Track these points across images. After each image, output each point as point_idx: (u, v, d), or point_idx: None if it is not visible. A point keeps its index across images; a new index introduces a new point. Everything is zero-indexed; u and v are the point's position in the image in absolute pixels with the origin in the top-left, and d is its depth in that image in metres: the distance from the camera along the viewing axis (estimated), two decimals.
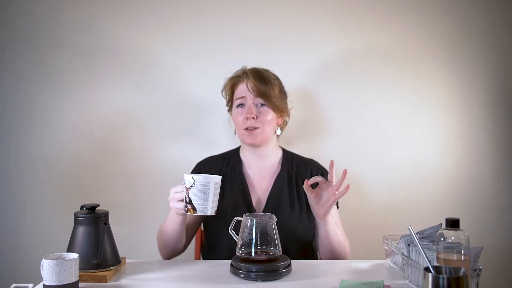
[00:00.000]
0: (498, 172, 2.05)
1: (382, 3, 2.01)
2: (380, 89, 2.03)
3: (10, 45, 1.98)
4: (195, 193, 1.38)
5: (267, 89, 1.64)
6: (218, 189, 1.41)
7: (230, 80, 1.72)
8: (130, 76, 2.00)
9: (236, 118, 1.69)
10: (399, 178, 2.03)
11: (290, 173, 1.71)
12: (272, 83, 1.67)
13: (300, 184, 1.69)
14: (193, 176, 1.39)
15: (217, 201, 1.42)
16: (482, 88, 2.03)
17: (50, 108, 2.00)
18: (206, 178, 1.38)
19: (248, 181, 1.71)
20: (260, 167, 1.73)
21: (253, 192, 1.69)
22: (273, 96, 1.65)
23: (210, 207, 1.39)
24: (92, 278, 1.31)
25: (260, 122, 1.65)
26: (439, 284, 0.96)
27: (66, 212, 1.61)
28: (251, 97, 1.65)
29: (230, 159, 1.76)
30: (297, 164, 1.74)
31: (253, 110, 1.64)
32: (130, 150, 2.02)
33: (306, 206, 1.66)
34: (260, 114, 1.65)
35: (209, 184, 1.38)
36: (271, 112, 1.67)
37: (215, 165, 1.74)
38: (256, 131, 1.65)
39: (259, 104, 1.66)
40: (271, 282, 1.30)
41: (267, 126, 1.67)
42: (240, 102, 1.67)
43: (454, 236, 1.13)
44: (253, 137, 1.65)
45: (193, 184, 1.39)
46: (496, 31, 2.02)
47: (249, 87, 1.65)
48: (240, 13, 2.00)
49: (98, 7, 1.99)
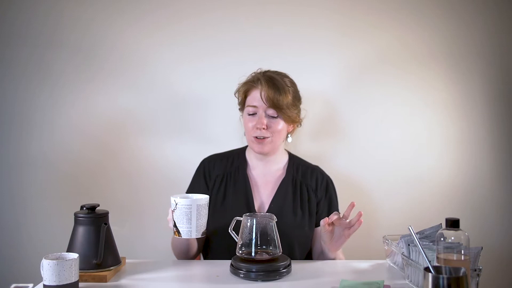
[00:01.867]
0: (498, 172, 2.05)
1: (382, 3, 2.00)
2: (380, 90, 2.02)
3: (10, 45, 1.98)
4: (178, 216, 1.38)
5: (280, 99, 1.59)
6: (203, 210, 1.39)
7: (244, 85, 1.67)
8: (130, 76, 2.00)
9: (246, 124, 1.65)
10: (399, 178, 2.03)
11: (295, 178, 1.70)
12: (286, 92, 1.61)
13: (304, 191, 1.68)
14: (175, 199, 1.38)
15: (204, 222, 1.40)
16: (482, 88, 2.03)
17: (50, 108, 2.00)
18: (187, 201, 1.36)
19: (252, 183, 1.69)
20: (265, 171, 1.71)
21: (256, 195, 1.68)
22: (285, 107, 1.60)
23: (195, 230, 1.38)
24: (92, 278, 1.31)
25: (270, 132, 1.62)
26: (439, 284, 0.96)
27: (66, 212, 1.61)
28: (264, 107, 1.60)
29: (235, 159, 1.74)
30: (303, 170, 1.72)
31: (264, 121, 1.60)
32: (130, 150, 2.02)
33: (309, 213, 1.66)
34: (271, 124, 1.62)
35: (191, 207, 1.36)
36: (282, 122, 1.64)
37: (219, 165, 1.72)
38: (266, 140, 1.62)
39: (271, 115, 1.62)
40: (271, 282, 1.31)
41: (277, 136, 1.64)
42: (252, 111, 1.63)
43: (454, 236, 1.13)
44: (262, 146, 1.63)
45: (176, 207, 1.38)
46: (496, 31, 2.02)
47: (262, 97, 1.59)
48: (240, 13, 2.00)
49: (98, 7, 1.98)
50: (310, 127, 2.02)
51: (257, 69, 1.70)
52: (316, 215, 1.68)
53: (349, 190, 1.92)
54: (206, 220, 1.41)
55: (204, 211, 1.39)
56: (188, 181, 1.74)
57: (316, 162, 1.78)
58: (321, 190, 1.70)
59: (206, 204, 1.40)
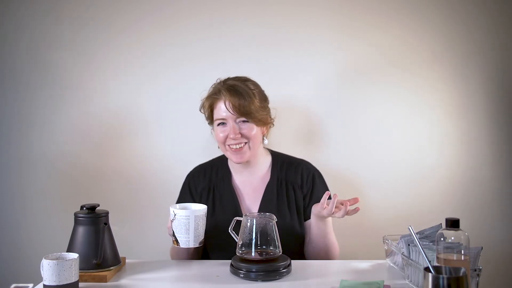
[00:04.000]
0: (498, 172, 2.04)
1: (382, 3, 2.00)
2: (380, 90, 2.02)
3: (10, 45, 1.98)
4: (176, 226, 1.42)
5: (247, 105, 1.56)
6: (201, 220, 1.42)
7: (207, 99, 1.64)
8: (130, 76, 2.00)
9: (217, 135, 1.62)
10: (399, 178, 2.03)
11: (280, 179, 1.68)
12: (251, 96, 1.58)
13: (290, 190, 1.67)
14: (174, 210, 1.42)
15: (202, 232, 1.44)
16: (482, 88, 2.03)
17: (50, 108, 2.00)
18: (186, 212, 1.41)
19: (238, 193, 1.68)
20: (250, 177, 1.70)
21: (242, 205, 1.67)
22: (254, 111, 1.58)
23: (193, 240, 1.41)
24: (92, 278, 1.31)
25: (245, 138, 1.60)
26: (439, 284, 0.96)
27: (66, 212, 1.61)
28: (232, 117, 1.58)
29: (219, 169, 1.72)
30: (287, 168, 1.71)
31: (237, 130, 1.58)
32: (130, 150, 2.02)
33: (297, 211, 1.66)
34: (244, 130, 1.59)
35: (189, 218, 1.40)
36: (255, 126, 1.61)
37: (203, 177, 1.71)
38: (243, 149, 1.60)
39: (242, 120, 1.59)
40: (271, 282, 1.31)
41: (253, 141, 1.61)
42: (221, 122, 1.61)
43: (454, 236, 1.13)
44: (241, 156, 1.61)
45: (174, 218, 1.42)
46: (496, 31, 2.01)
47: (228, 107, 1.57)
48: (240, 13, 2.00)
49: (98, 7, 1.98)
50: (310, 127, 2.02)
51: (216, 80, 1.68)
52: (305, 212, 1.67)
53: (349, 190, 1.92)
54: (204, 230, 1.45)
55: (202, 222, 1.43)
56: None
57: (316, 163, 1.78)
58: (307, 184, 1.68)
59: (203, 214, 1.44)
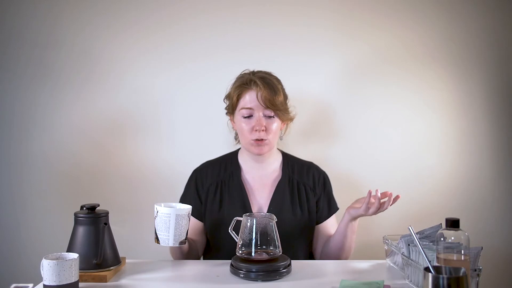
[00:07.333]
0: (498, 172, 2.04)
1: (383, 3, 2.00)
2: (380, 90, 2.02)
3: (10, 45, 1.98)
4: (157, 224, 1.42)
5: (276, 99, 1.57)
6: (183, 220, 1.42)
7: (236, 88, 1.62)
8: (130, 76, 2.00)
9: (241, 128, 1.61)
10: (399, 178, 2.03)
11: (292, 178, 1.68)
12: (279, 91, 1.60)
13: (302, 190, 1.67)
14: (157, 207, 1.42)
15: (183, 232, 1.43)
16: (482, 88, 2.03)
17: (50, 108, 2.00)
18: (167, 210, 1.41)
19: (248, 188, 1.67)
20: (261, 173, 1.69)
21: (252, 200, 1.65)
22: (281, 106, 1.59)
23: (172, 239, 1.41)
24: (92, 278, 1.31)
25: (268, 133, 1.60)
26: (439, 284, 0.96)
27: (66, 212, 1.61)
28: (261, 108, 1.58)
29: (228, 165, 1.71)
30: (298, 169, 1.71)
31: (263, 123, 1.58)
32: (130, 150, 2.02)
33: (308, 212, 1.66)
34: (269, 126, 1.60)
35: (170, 216, 1.40)
36: (277, 122, 1.62)
37: (212, 172, 1.69)
38: (264, 141, 1.60)
39: (268, 115, 1.59)
40: (271, 282, 1.31)
41: (274, 136, 1.62)
42: (248, 113, 1.60)
43: (454, 236, 1.13)
44: (261, 148, 1.60)
45: (157, 215, 1.42)
46: (496, 31, 2.02)
47: (259, 98, 1.57)
48: (241, 13, 2.00)
49: (98, 7, 1.98)
50: (309, 127, 2.02)
51: (244, 71, 1.68)
52: (317, 213, 1.68)
53: (349, 190, 1.91)
54: (186, 230, 1.44)
55: (184, 221, 1.42)
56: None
57: (316, 163, 1.78)
58: (319, 187, 1.70)
59: (186, 214, 1.43)
